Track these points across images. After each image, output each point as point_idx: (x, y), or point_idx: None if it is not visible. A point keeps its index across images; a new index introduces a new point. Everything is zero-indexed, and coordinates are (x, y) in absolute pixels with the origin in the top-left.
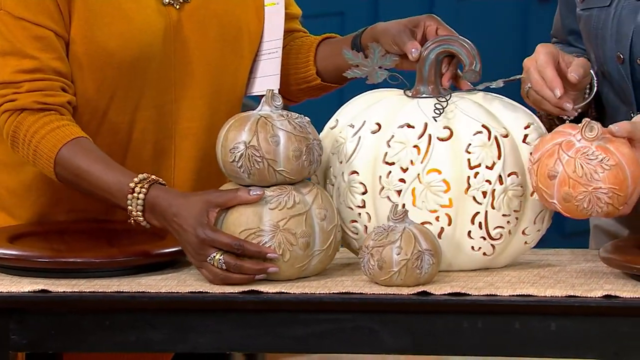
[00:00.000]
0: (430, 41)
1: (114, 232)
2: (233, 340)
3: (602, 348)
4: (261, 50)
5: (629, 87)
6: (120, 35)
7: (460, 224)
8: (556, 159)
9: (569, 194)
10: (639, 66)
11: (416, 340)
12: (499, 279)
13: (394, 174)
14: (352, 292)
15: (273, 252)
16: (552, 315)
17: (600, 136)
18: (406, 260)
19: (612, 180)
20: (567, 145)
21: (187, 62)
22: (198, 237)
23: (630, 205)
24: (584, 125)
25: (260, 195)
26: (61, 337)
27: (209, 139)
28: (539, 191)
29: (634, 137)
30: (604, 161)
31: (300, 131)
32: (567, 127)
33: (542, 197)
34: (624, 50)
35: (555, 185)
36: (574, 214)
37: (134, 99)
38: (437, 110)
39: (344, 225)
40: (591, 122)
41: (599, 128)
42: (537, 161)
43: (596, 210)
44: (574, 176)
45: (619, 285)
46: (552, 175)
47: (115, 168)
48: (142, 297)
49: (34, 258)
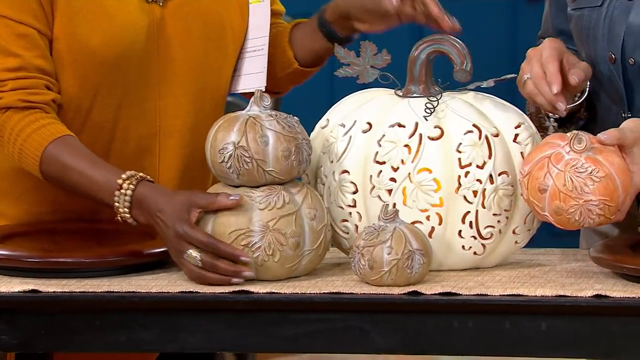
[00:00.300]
0: (421, 41)
1: (105, 232)
2: (223, 340)
3: (593, 347)
4: (246, 47)
5: (620, 86)
6: (102, 33)
7: (451, 223)
8: (546, 172)
9: (560, 207)
10: (630, 66)
11: (407, 340)
12: (490, 279)
13: (384, 173)
14: (342, 292)
15: (245, 255)
16: (542, 315)
17: (589, 147)
18: (397, 260)
19: (602, 192)
20: (557, 158)
21: (171, 60)
22: (176, 232)
23: (623, 212)
24: (572, 137)
25: (237, 200)
26: (51, 337)
27: (194, 136)
28: (530, 204)
29: (624, 144)
30: (593, 173)
31: (289, 131)
32: (557, 137)
33: (534, 210)
34: (616, 50)
35: (546, 198)
36: (566, 226)
37: (117, 96)
38: (427, 110)
39: (335, 224)
40: (579, 134)
41: (588, 139)
42: (527, 174)
43: (588, 221)
44: (564, 190)
45: (609, 285)
46: (542, 189)
47: (102, 165)
48: (132, 297)
49: (24, 258)
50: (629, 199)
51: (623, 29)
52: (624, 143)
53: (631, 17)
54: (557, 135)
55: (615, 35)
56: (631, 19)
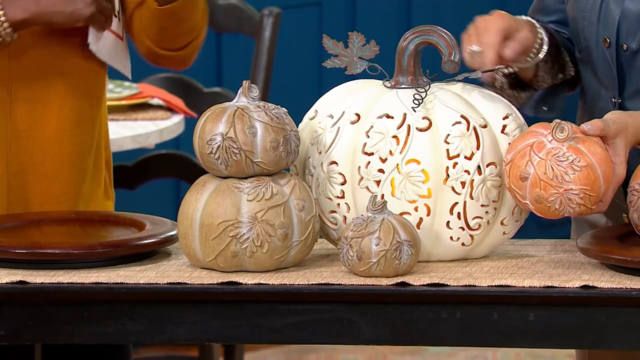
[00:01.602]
0: (410, 32)
1: (93, 224)
2: (211, 331)
3: (580, 337)
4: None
5: (613, 71)
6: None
7: (439, 214)
8: (527, 160)
9: (541, 195)
10: (623, 52)
11: (395, 330)
12: (478, 270)
13: (373, 164)
14: (330, 283)
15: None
16: (530, 306)
17: (572, 136)
18: (385, 251)
19: (583, 181)
20: (539, 147)
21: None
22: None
23: (605, 203)
24: (554, 126)
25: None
26: (39, 328)
27: None
28: (512, 192)
29: (607, 135)
30: (574, 162)
31: (277, 122)
32: (540, 126)
33: (516, 198)
34: (611, 34)
35: (527, 186)
36: (546, 215)
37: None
38: (416, 101)
39: (323, 215)
40: (562, 123)
41: (570, 128)
42: (509, 162)
43: (568, 210)
44: (544, 178)
45: (597, 276)
46: (524, 177)
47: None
48: (120, 288)
49: (12, 249)
50: (611, 190)
51: (618, 14)
52: (607, 134)
53: (627, 2)
54: (540, 124)
55: (611, 19)
56: (626, 4)
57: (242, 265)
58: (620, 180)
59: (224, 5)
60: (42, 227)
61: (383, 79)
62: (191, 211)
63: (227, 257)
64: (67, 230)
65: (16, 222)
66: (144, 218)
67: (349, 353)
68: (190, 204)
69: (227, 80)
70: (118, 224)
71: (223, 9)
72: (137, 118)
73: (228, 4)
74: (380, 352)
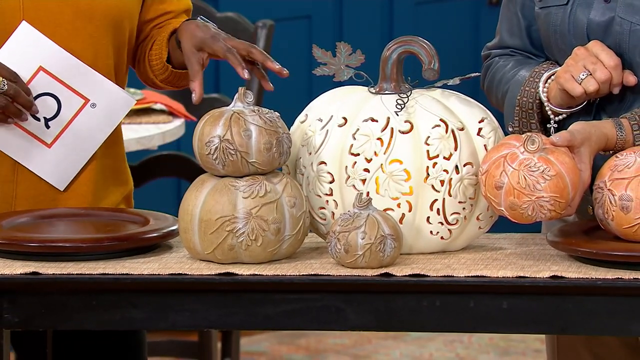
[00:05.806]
0: (393, 42)
1: (101, 219)
2: (210, 318)
3: (550, 324)
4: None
5: None
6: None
7: (420, 210)
8: (502, 170)
9: (515, 203)
10: None
11: (379, 318)
12: (456, 261)
13: (359, 164)
14: (320, 274)
15: (35, 112)
16: (504, 295)
17: (542, 147)
18: (370, 244)
19: (553, 189)
20: (512, 158)
21: None
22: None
23: (573, 208)
24: (526, 138)
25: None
26: (51, 315)
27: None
28: (488, 200)
29: (574, 144)
30: (545, 172)
31: (270, 125)
32: (512, 138)
33: (491, 205)
34: (583, 45)
35: (502, 195)
36: (520, 220)
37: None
38: (398, 106)
39: (313, 211)
40: (533, 136)
41: (540, 140)
42: (485, 172)
43: (540, 216)
44: (518, 187)
45: (565, 267)
46: (498, 186)
47: None
48: (125, 278)
49: (26, 243)
50: (578, 196)
51: (585, 24)
52: (574, 144)
53: (592, 14)
54: (513, 137)
55: (580, 30)
56: (591, 16)
57: (238, 258)
58: (586, 185)
59: (221, 18)
60: (54, 222)
61: (368, 86)
62: (191, 208)
63: (225, 250)
64: (77, 225)
65: (30, 217)
66: (148, 214)
67: (336, 338)
68: (190, 201)
69: (224, 86)
70: (123, 219)
71: (220, 21)
72: (141, 122)
73: (225, 17)
74: (366, 337)
